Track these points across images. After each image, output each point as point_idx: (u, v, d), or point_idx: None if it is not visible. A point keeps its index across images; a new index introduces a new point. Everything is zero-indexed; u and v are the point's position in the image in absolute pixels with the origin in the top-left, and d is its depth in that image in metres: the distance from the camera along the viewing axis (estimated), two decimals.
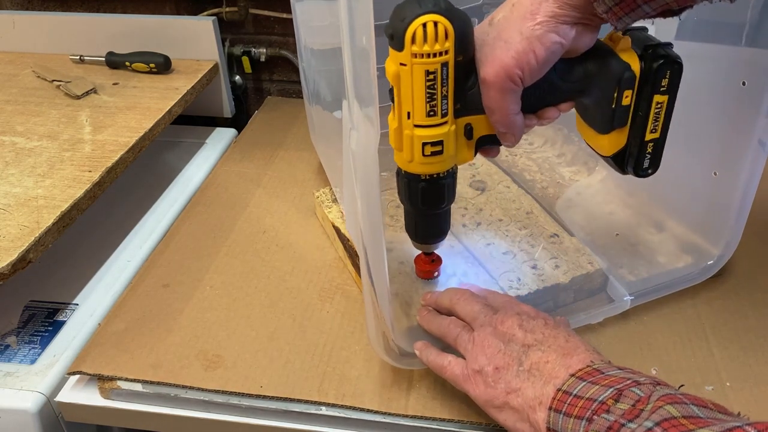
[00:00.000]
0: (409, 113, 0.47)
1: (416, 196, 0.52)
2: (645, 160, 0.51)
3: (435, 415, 0.54)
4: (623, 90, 0.48)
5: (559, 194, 0.77)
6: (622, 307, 0.63)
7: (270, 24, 1.06)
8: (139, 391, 0.58)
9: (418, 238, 0.57)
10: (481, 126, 0.50)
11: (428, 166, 0.50)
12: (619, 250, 0.68)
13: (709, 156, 0.62)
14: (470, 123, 0.50)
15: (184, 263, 0.72)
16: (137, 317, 0.65)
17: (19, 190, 0.70)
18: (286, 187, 0.85)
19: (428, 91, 0.46)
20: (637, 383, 0.42)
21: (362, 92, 0.43)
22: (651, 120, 0.49)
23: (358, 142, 0.44)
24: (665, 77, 0.48)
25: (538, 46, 0.44)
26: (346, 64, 0.42)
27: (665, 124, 0.50)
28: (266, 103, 1.09)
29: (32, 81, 0.96)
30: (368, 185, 0.46)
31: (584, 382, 0.44)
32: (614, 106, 0.49)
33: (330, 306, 0.66)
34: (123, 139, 0.80)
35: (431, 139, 0.48)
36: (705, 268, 0.65)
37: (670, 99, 0.49)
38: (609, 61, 0.48)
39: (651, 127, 0.50)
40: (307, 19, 0.73)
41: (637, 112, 0.49)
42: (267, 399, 0.56)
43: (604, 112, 0.50)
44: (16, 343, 0.65)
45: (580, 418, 0.42)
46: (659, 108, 0.49)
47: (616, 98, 0.48)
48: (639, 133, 0.50)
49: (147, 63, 0.97)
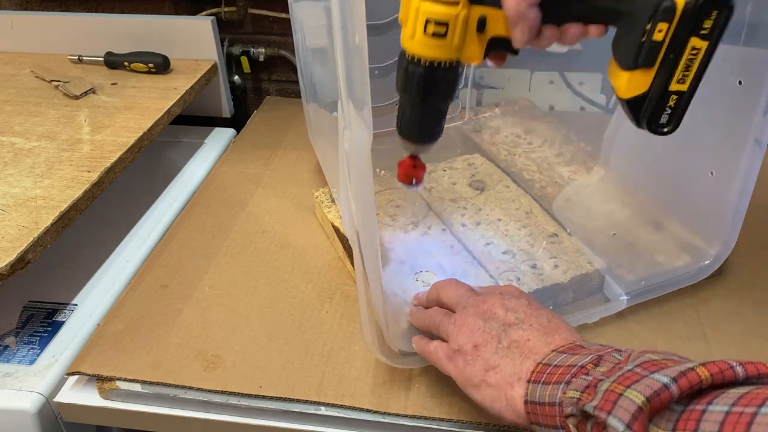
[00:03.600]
0: None
1: (411, 83, 0.47)
2: (663, 114, 0.45)
3: (434, 415, 0.54)
4: (657, 21, 0.41)
5: (558, 193, 0.77)
6: (618, 307, 0.63)
7: (269, 24, 1.06)
8: (138, 391, 0.58)
9: (404, 133, 0.52)
10: (496, 22, 0.45)
11: (429, 48, 0.45)
12: (616, 249, 0.68)
13: (706, 155, 0.62)
14: (486, 16, 0.45)
15: (183, 263, 0.72)
16: (136, 317, 0.65)
17: (17, 191, 0.70)
18: (285, 187, 0.85)
19: None
20: (618, 350, 0.42)
21: (355, 92, 0.43)
22: (681, 67, 0.43)
23: (351, 142, 0.44)
24: (709, 18, 0.41)
25: None
26: (339, 63, 0.42)
27: (697, 77, 0.43)
28: (265, 103, 1.09)
29: (31, 81, 0.96)
30: (362, 185, 0.46)
31: (564, 354, 0.43)
32: (644, 39, 0.42)
33: (329, 306, 0.66)
34: (122, 139, 0.80)
35: (436, 17, 0.44)
36: (702, 268, 0.65)
37: (709, 46, 0.42)
38: None
39: (679, 76, 0.43)
40: (303, 19, 0.73)
41: (668, 53, 0.42)
42: (266, 399, 0.56)
43: (631, 43, 0.43)
44: (15, 343, 0.65)
45: (559, 383, 0.41)
46: (694, 54, 0.42)
47: (648, 30, 0.42)
48: (664, 78, 0.43)
49: (146, 63, 0.97)
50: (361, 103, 0.43)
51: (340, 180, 0.52)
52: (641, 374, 0.37)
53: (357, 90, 0.43)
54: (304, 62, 0.77)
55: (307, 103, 0.82)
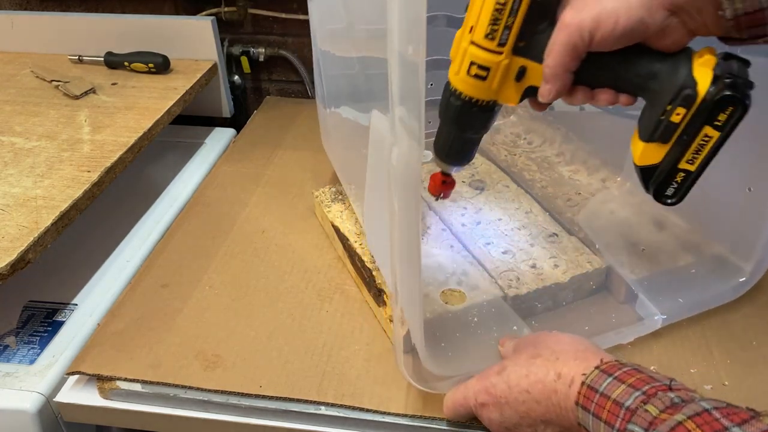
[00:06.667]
0: (472, 27, 0.47)
1: (449, 112, 0.51)
2: (669, 187, 0.48)
3: (434, 415, 0.54)
4: (677, 105, 0.44)
5: (558, 193, 0.77)
6: (653, 326, 0.61)
7: (269, 24, 1.06)
8: (138, 391, 0.58)
9: (438, 152, 0.56)
10: (534, 74, 0.48)
11: (469, 86, 0.49)
12: (649, 266, 0.67)
13: (744, 171, 0.60)
14: (526, 66, 0.48)
15: (183, 263, 0.72)
16: (136, 317, 0.65)
17: (17, 191, 0.70)
18: (285, 187, 0.85)
19: (494, 14, 0.45)
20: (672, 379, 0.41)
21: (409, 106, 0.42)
22: (692, 150, 0.46)
23: (399, 159, 0.43)
24: (725, 113, 0.44)
25: (624, 15, 0.43)
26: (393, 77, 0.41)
27: (705, 161, 0.46)
28: (265, 103, 1.09)
29: (31, 81, 0.96)
30: (408, 203, 0.45)
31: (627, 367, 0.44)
32: (663, 117, 0.45)
33: (329, 306, 0.66)
34: (122, 139, 0.80)
35: (480, 62, 0.47)
36: (737, 285, 0.64)
37: (721, 137, 0.45)
38: (678, 68, 0.45)
39: (689, 157, 0.46)
40: (322, 20, 0.71)
41: (683, 134, 0.45)
42: (266, 399, 0.56)
43: (652, 118, 0.46)
44: (15, 343, 0.65)
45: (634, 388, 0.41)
46: (706, 141, 0.45)
47: (668, 111, 0.45)
48: (675, 156, 0.46)
49: (146, 63, 0.97)
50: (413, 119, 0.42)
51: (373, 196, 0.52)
52: None
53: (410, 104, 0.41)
54: (322, 64, 0.75)
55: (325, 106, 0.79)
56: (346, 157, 0.75)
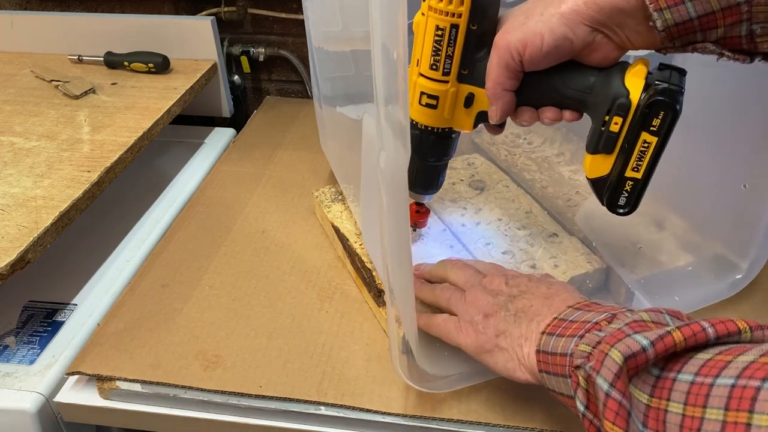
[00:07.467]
0: (418, 61, 0.51)
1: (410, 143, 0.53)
2: (621, 197, 0.50)
3: (434, 415, 0.54)
4: (613, 115, 0.47)
5: (558, 193, 0.77)
6: None
7: (269, 24, 1.06)
8: (138, 391, 0.58)
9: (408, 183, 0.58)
10: (482, 99, 0.51)
11: (423, 115, 0.53)
12: (646, 264, 0.67)
13: (739, 168, 0.61)
14: (473, 93, 0.51)
15: (182, 263, 0.72)
16: (136, 317, 0.65)
17: (17, 191, 0.70)
18: (285, 187, 0.85)
19: (435, 46, 0.48)
20: (631, 311, 0.44)
21: (394, 112, 0.42)
22: (635, 157, 0.47)
23: (387, 163, 0.43)
24: (657, 117, 0.46)
25: (548, 33, 0.45)
26: (377, 80, 0.41)
27: (650, 167, 0.48)
28: (265, 103, 1.09)
29: (30, 81, 0.96)
30: (397, 206, 0.45)
31: (580, 311, 0.46)
32: (603, 128, 0.48)
33: (329, 306, 0.66)
34: (122, 139, 0.80)
35: (428, 91, 0.51)
36: (734, 282, 0.64)
37: (659, 142, 0.46)
38: (611, 80, 0.47)
39: (633, 165, 0.48)
40: (318, 22, 0.71)
41: (624, 143, 0.48)
42: (266, 399, 0.56)
43: (594, 130, 0.49)
44: (14, 343, 0.65)
45: (572, 336, 0.43)
46: (645, 147, 0.47)
47: (607, 122, 0.47)
48: (621, 164, 0.48)
49: (145, 63, 0.97)
50: (399, 124, 0.42)
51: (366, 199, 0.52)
52: (626, 333, 0.39)
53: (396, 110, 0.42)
54: (318, 64, 0.75)
55: (320, 104, 0.79)
56: (342, 156, 0.75)
